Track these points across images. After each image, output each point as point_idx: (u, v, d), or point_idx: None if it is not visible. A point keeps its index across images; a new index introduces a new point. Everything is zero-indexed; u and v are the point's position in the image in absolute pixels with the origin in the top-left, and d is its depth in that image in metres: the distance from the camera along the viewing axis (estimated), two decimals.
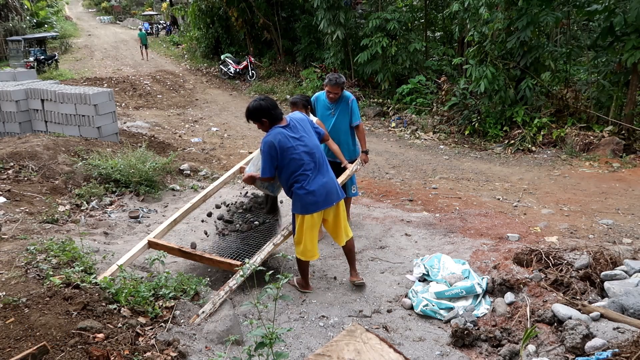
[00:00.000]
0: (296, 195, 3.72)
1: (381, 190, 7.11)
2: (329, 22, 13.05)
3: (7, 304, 2.90)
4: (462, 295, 3.87)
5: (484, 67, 9.51)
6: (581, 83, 10.56)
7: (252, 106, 3.65)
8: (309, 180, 3.68)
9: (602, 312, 3.08)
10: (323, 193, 3.72)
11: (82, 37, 32.50)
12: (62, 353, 2.56)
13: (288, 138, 3.62)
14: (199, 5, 20.16)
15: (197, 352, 3.07)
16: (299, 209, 3.76)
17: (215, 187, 4.93)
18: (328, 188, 3.76)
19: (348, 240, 4.05)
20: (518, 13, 9.19)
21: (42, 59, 20.46)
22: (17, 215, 4.91)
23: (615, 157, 8.32)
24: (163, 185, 6.83)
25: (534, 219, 5.76)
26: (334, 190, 3.81)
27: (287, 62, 17.91)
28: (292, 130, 3.68)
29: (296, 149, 3.63)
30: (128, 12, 45.53)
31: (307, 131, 3.77)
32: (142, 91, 15.65)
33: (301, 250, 3.89)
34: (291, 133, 3.67)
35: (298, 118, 3.80)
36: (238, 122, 12.32)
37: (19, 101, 8.35)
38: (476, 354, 3.32)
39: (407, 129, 11.22)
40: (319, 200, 3.71)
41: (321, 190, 3.71)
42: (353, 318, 3.78)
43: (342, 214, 3.94)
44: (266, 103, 3.64)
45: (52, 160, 6.51)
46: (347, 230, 4.05)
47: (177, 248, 4.05)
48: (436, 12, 14.99)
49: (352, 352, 2.28)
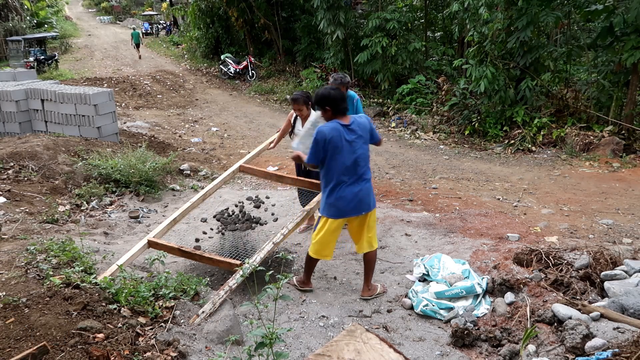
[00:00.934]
0: (328, 197, 3.73)
1: (381, 190, 7.11)
2: (329, 22, 13.05)
3: (7, 304, 2.90)
4: (462, 295, 3.87)
5: (484, 67, 9.51)
6: (581, 83, 10.56)
7: (321, 93, 3.68)
8: (344, 187, 3.66)
9: (602, 312, 3.08)
10: (354, 202, 3.69)
11: (82, 37, 32.50)
12: (62, 353, 2.56)
13: (342, 138, 3.59)
14: (199, 5, 20.15)
15: (197, 352, 3.07)
16: (326, 211, 3.77)
17: (214, 187, 4.94)
18: (360, 197, 3.71)
19: (370, 251, 3.95)
20: (518, 13, 9.19)
21: (42, 59, 20.45)
22: (17, 215, 4.91)
23: (615, 157, 8.32)
24: (163, 185, 6.83)
25: (534, 219, 5.76)
26: (365, 201, 3.75)
27: (287, 62, 17.91)
28: (349, 132, 3.64)
29: (344, 152, 3.60)
30: (128, 12, 45.52)
31: (364, 138, 3.74)
32: (142, 91, 15.65)
33: (316, 249, 3.90)
34: (347, 135, 3.62)
35: (361, 122, 3.76)
36: (238, 122, 12.32)
37: (19, 101, 8.35)
38: (476, 354, 3.32)
39: (407, 129, 11.22)
40: (348, 208, 3.70)
41: (354, 199, 3.68)
42: (353, 318, 3.78)
43: (368, 224, 3.86)
44: (335, 94, 3.65)
45: (52, 160, 6.51)
46: (372, 241, 3.94)
47: (177, 248, 4.05)
48: (436, 12, 14.99)
49: (352, 352, 2.28)
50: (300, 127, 5.04)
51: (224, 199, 6.54)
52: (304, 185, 4.97)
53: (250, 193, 6.98)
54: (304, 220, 4.50)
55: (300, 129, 5.01)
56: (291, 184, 5.25)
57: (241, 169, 5.23)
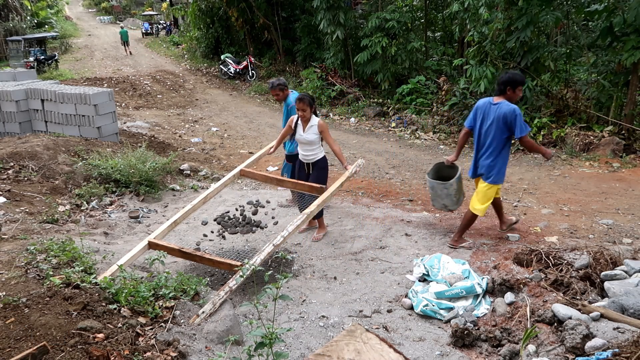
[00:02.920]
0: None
1: (381, 190, 7.11)
2: (329, 22, 13.05)
3: (7, 304, 2.90)
4: (462, 295, 3.87)
5: (484, 67, 9.51)
6: (581, 83, 10.55)
7: (516, 74, 4.43)
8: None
9: (602, 312, 3.08)
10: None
11: (82, 37, 32.51)
12: (62, 353, 2.56)
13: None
14: (199, 5, 20.15)
15: (197, 352, 3.07)
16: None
17: (214, 190, 4.93)
18: None
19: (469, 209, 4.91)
20: (518, 13, 9.19)
21: (42, 59, 20.45)
22: (17, 215, 4.91)
23: (615, 157, 8.32)
24: (163, 185, 6.83)
25: (534, 219, 5.76)
26: None
27: (287, 62, 17.90)
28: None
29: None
30: (128, 12, 45.54)
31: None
32: (142, 91, 15.65)
33: (483, 209, 4.76)
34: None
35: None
36: (238, 122, 12.32)
37: (19, 101, 8.35)
38: (476, 354, 3.32)
39: (407, 129, 11.21)
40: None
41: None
42: (353, 318, 3.78)
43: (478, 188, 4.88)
44: (522, 78, 4.45)
45: (52, 160, 6.51)
46: (474, 203, 4.83)
47: (178, 249, 4.05)
48: (436, 12, 14.98)
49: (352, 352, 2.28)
50: (302, 132, 5.03)
51: (223, 198, 6.54)
52: (304, 189, 4.95)
53: (250, 193, 6.99)
54: (304, 223, 4.51)
55: (302, 134, 5.02)
56: (291, 188, 5.26)
57: (242, 173, 5.24)
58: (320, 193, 4.73)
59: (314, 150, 5.06)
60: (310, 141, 4.99)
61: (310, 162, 5.11)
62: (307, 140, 5.00)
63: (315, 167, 5.10)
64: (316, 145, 5.04)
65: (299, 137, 5.05)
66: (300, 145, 5.14)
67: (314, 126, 4.97)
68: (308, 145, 5.04)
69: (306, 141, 5.01)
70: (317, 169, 5.10)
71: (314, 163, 5.10)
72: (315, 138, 4.98)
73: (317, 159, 5.09)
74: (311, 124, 4.98)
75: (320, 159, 5.11)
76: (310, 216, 4.46)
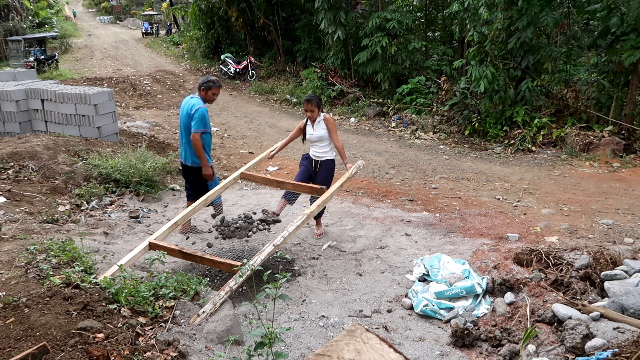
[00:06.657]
0: None
1: (381, 190, 7.11)
2: (329, 22, 13.04)
3: (7, 304, 2.90)
4: (462, 295, 3.87)
5: (484, 67, 9.50)
6: (581, 83, 10.55)
7: None
8: None
9: (602, 312, 3.08)
10: None
11: (82, 37, 32.49)
12: (62, 353, 2.56)
13: None
14: (199, 5, 20.14)
15: (197, 352, 3.07)
16: None
17: (215, 192, 4.93)
18: None
19: None
20: (518, 13, 9.19)
21: (42, 59, 20.44)
22: (17, 215, 4.91)
23: (615, 157, 8.32)
24: (163, 185, 6.83)
25: (534, 219, 5.76)
26: None
27: (287, 62, 17.89)
28: None
29: None
30: (128, 12, 45.51)
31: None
32: (142, 91, 15.64)
33: None
34: None
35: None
36: (238, 122, 12.32)
37: (19, 101, 8.35)
38: (476, 354, 3.32)
39: (407, 129, 11.21)
40: None
41: None
42: (353, 318, 3.78)
43: None
44: None
45: (52, 160, 6.51)
46: None
47: (178, 249, 4.05)
48: (436, 12, 14.98)
49: (352, 352, 2.27)
50: (311, 131, 5.09)
51: (223, 198, 6.54)
52: (304, 190, 4.98)
53: (250, 193, 6.99)
54: (304, 224, 4.50)
55: (312, 132, 5.07)
56: (292, 189, 5.26)
57: (242, 176, 5.27)
58: (320, 194, 4.74)
59: (324, 148, 5.12)
60: (321, 136, 5.07)
61: (320, 160, 5.16)
62: (317, 137, 5.09)
63: (324, 165, 5.15)
64: (327, 142, 5.10)
65: (310, 136, 5.14)
66: (311, 144, 5.21)
67: (322, 121, 5.08)
68: (319, 142, 5.11)
69: (317, 138, 5.09)
70: (325, 169, 5.15)
71: (323, 162, 5.15)
72: (325, 132, 5.06)
73: (327, 158, 5.14)
74: (319, 120, 5.08)
75: (330, 159, 5.17)
76: (310, 216, 4.47)
